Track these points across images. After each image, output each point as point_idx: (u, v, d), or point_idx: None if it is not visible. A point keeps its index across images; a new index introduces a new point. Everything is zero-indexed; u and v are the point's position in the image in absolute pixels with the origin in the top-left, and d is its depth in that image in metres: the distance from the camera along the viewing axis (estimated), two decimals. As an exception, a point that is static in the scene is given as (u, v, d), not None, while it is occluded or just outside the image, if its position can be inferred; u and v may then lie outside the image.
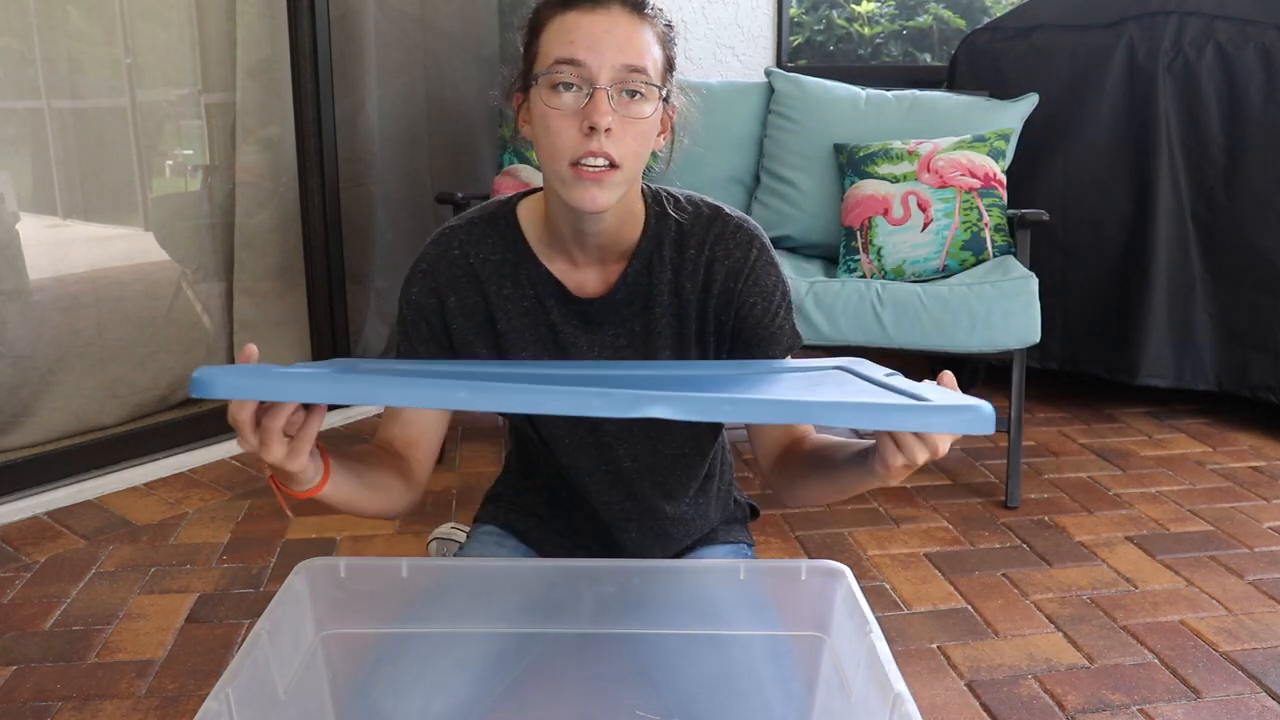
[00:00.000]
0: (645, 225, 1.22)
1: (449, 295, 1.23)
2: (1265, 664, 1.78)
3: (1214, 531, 2.30)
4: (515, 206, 1.25)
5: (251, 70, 2.79)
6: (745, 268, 1.21)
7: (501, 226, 1.24)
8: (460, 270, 1.23)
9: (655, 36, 1.12)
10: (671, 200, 1.24)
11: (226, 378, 0.74)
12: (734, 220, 1.23)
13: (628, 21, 1.09)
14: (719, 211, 1.24)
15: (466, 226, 1.24)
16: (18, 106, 2.47)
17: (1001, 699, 1.68)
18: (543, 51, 1.11)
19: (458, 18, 3.39)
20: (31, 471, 2.39)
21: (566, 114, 1.08)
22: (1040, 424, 2.98)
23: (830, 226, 2.83)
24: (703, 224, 1.22)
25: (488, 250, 1.23)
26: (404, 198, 3.22)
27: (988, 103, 2.87)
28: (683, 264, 1.22)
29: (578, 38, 1.08)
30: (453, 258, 1.23)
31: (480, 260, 1.23)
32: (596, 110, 1.06)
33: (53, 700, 1.67)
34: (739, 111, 3.02)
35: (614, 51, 1.07)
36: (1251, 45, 2.78)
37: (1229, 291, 2.86)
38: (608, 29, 1.08)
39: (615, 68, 1.07)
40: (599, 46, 1.07)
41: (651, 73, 1.10)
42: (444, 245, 1.24)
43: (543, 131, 1.10)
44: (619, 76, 1.07)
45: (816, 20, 4.49)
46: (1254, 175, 2.79)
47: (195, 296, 2.82)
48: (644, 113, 1.09)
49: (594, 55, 1.07)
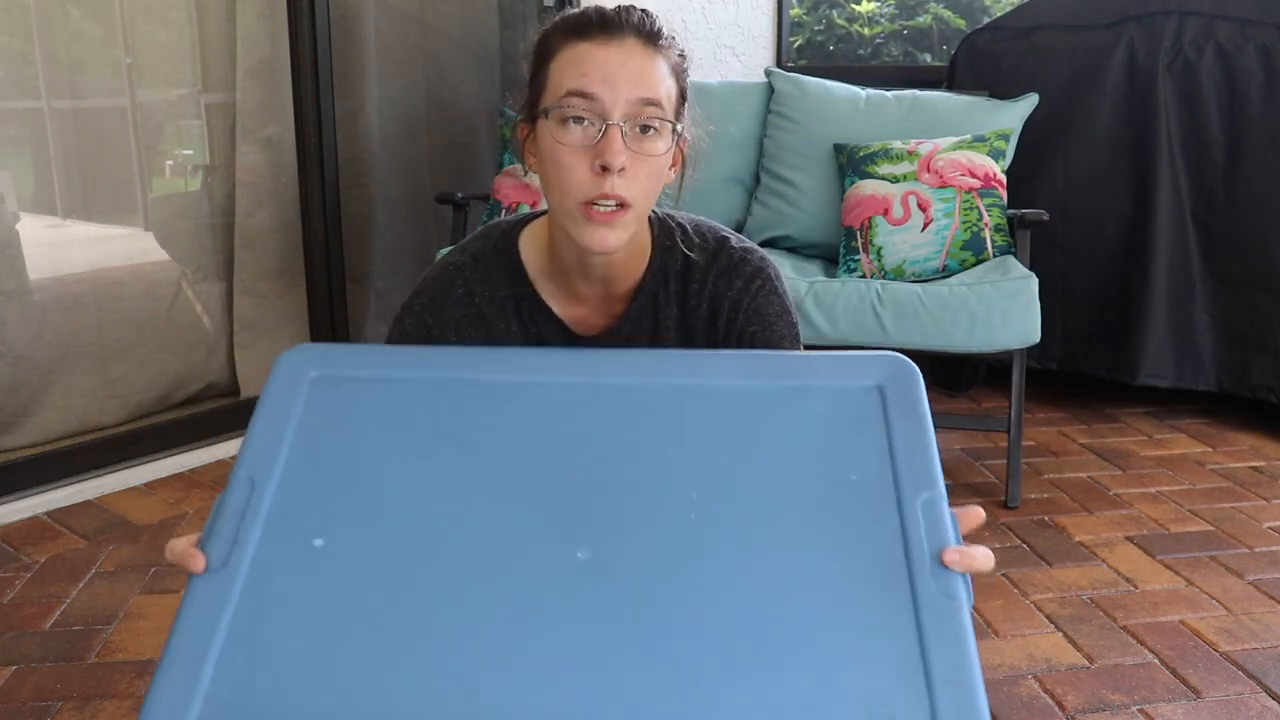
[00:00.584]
0: (651, 259, 1.18)
1: (449, 335, 1.18)
2: (1265, 664, 1.78)
3: (1214, 531, 2.30)
4: (518, 238, 1.20)
5: (251, 70, 2.79)
6: (746, 298, 1.17)
7: (504, 260, 1.19)
8: (464, 310, 1.18)
9: (670, 69, 1.09)
10: (680, 230, 1.20)
11: None
12: (738, 252, 1.19)
13: (642, 53, 1.06)
14: (724, 244, 1.19)
15: (471, 263, 1.19)
16: (18, 106, 2.48)
17: (1001, 699, 1.68)
18: (552, 83, 1.07)
19: (458, 18, 3.39)
20: (31, 471, 2.39)
21: (577, 150, 1.04)
22: (1040, 424, 2.98)
23: (830, 226, 2.83)
24: (708, 257, 1.18)
25: (492, 288, 1.18)
26: (404, 198, 3.22)
27: (988, 103, 2.87)
28: (687, 299, 1.18)
29: (590, 69, 1.04)
30: (456, 296, 1.18)
31: (486, 299, 1.18)
32: (610, 149, 1.02)
33: (53, 700, 1.67)
34: (739, 111, 3.02)
35: (628, 85, 1.03)
36: (1251, 45, 2.78)
37: (1229, 291, 2.86)
38: (622, 61, 1.04)
39: (630, 102, 1.03)
40: (613, 79, 1.03)
41: (666, 107, 1.06)
42: (447, 282, 1.18)
43: (552, 167, 1.06)
44: (633, 111, 1.04)
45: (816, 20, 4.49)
46: (1254, 175, 2.79)
47: (195, 296, 2.82)
48: (658, 150, 1.06)
49: (608, 88, 1.03)
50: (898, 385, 0.89)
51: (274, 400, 0.91)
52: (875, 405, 0.88)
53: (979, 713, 0.69)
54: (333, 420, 0.90)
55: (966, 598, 0.75)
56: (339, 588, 0.78)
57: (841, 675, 0.71)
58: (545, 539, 0.80)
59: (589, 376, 0.93)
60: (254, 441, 0.88)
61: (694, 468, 0.85)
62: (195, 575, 0.79)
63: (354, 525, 0.82)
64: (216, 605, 0.77)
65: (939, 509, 0.80)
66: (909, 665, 0.71)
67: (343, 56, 2.93)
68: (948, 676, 0.71)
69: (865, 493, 0.82)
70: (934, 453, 0.84)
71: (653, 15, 1.10)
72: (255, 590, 0.78)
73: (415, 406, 0.91)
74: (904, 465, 0.83)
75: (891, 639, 0.73)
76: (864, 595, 0.76)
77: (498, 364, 0.95)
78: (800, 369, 0.93)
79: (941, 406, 3.10)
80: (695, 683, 0.72)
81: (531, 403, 0.91)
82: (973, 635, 0.73)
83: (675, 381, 0.92)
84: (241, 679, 0.73)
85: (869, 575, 0.77)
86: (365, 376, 0.94)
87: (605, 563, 0.78)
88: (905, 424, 0.86)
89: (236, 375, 2.88)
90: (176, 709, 0.71)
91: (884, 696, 0.70)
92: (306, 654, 0.75)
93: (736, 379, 0.92)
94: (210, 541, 0.81)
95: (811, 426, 0.88)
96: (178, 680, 0.73)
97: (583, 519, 0.81)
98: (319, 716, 0.71)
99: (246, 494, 0.84)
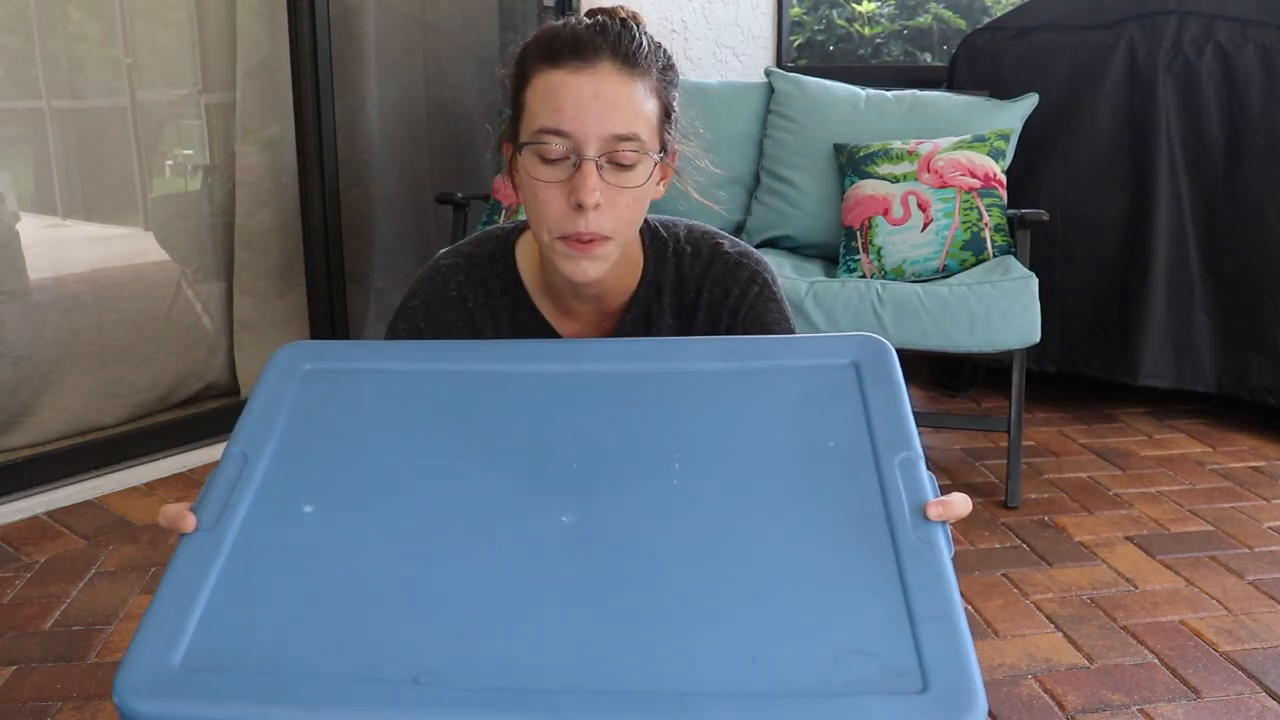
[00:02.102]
0: (644, 272, 1.17)
1: (441, 338, 1.17)
2: (1265, 664, 1.78)
3: (1214, 531, 2.30)
4: (514, 246, 1.19)
5: (251, 70, 2.79)
6: (744, 306, 1.15)
7: (499, 269, 1.18)
8: (456, 313, 1.17)
9: (650, 89, 1.05)
10: (673, 239, 1.18)
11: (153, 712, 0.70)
12: (732, 257, 1.16)
13: (616, 82, 1.02)
14: (718, 250, 1.17)
15: (466, 266, 1.18)
16: (18, 106, 2.48)
17: (1001, 699, 1.68)
18: (528, 113, 1.05)
19: (458, 18, 3.39)
20: (31, 471, 2.39)
21: (552, 186, 1.02)
22: (1040, 424, 2.98)
23: (830, 226, 2.83)
24: (701, 265, 1.16)
25: (485, 294, 1.18)
26: (404, 198, 3.22)
27: (988, 103, 2.87)
28: (681, 309, 1.17)
29: (564, 104, 1.01)
30: (450, 299, 1.17)
31: (478, 304, 1.18)
32: (584, 187, 1.00)
33: (53, 700, 1.67)
34: (739, 111, 3.02)
35: (600, 121, 1.01)
36: (1251, 45, 2.78)
37: (1229, 293, 2.86)
38: (595, 93, 1.01)
39: (603, 138, 1.01)
40: (585, 116, 1.00)
41: (645, 136, 1.03)
42: (441, 284, 1.18)
43: (530, 200, 1.05)
44: (608, 147, 1.01)
45: (816, 20, 4.49)
46: (1254, 176, 2.79)
47: (195, 296, 2.82)
48: (635, 182, 1.04)
49: (580, 125, 1.00)
50: (872, 361, 0.92)
51: (268, 388, 0.93)
52: (851, 380, 0.91)
53: (963, 646, 0.70)
54: (325, 404, 0.92)
55: (946, 545, 0.77)
56: (327, 545, 0.80)
57: (823, 621, 0.72)
58: (530, 505, 0.82)
59: (572, 364, 0.96)
60: (247, 422, 0.90)
61: (675, 440, 0.87)
62: (186, 534, 0.80)
63: (344, 494, 0.84)
64: (205, 559, 0.79)
65: (916, 467, 0.82)
66: (891, 607, 0.73)
67: (343, 56, 2.93)
68: (929, 612, 0.72)
69: (843, 457, 0.84)
70: (909, 418, 0.87)
71: (632, 29, 1.06)
72: (244, 546, 0.80)
73: (405, 393, 0.94)
74: (880, 430, 0.86)
75: (872, 584, 0.74)
76: (845, 547, 0.77)
77: (485, 355, 0.99)
78: (777, 350, 0.96)
79: (941, 406, 3.10)
80: (682, 631, 0.72)
81: (518, 388, 0.93)
82: (954, 578, 0.75)
83: (656, 366, 0.95)
84: (227, 623, 0.74)
85: (849, 530, 0.78)
86: (357, 368, 0.96)
87: (590, 524, 0.80)
88: (881, 395, 0.89)
89: (236, 375, 2.88)
90: (162, 650, 0.72)
91: (866, 638, 0.71)
92: (292, 603, 0.75)
93: (716, 362, 0.95)
94: (202, 507, 0.83)
95: (789, 401, 0.90)
96: (165, 623, 0.74)
97: (567, 487, 0.83)
98: (306, 660, 0.71)
99: (239, 467, 0.85)
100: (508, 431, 0.89)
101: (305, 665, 0.70)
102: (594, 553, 0.77)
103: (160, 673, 0.70)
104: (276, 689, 0.69)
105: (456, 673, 0.69)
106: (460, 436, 0.89)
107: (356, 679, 0.69)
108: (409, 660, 0.70)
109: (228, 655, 0.71)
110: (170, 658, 0.71)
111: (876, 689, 0.67)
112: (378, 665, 0.70)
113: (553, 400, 0.92)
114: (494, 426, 0.90)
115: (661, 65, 1.07)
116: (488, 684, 0.68)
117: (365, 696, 0.68)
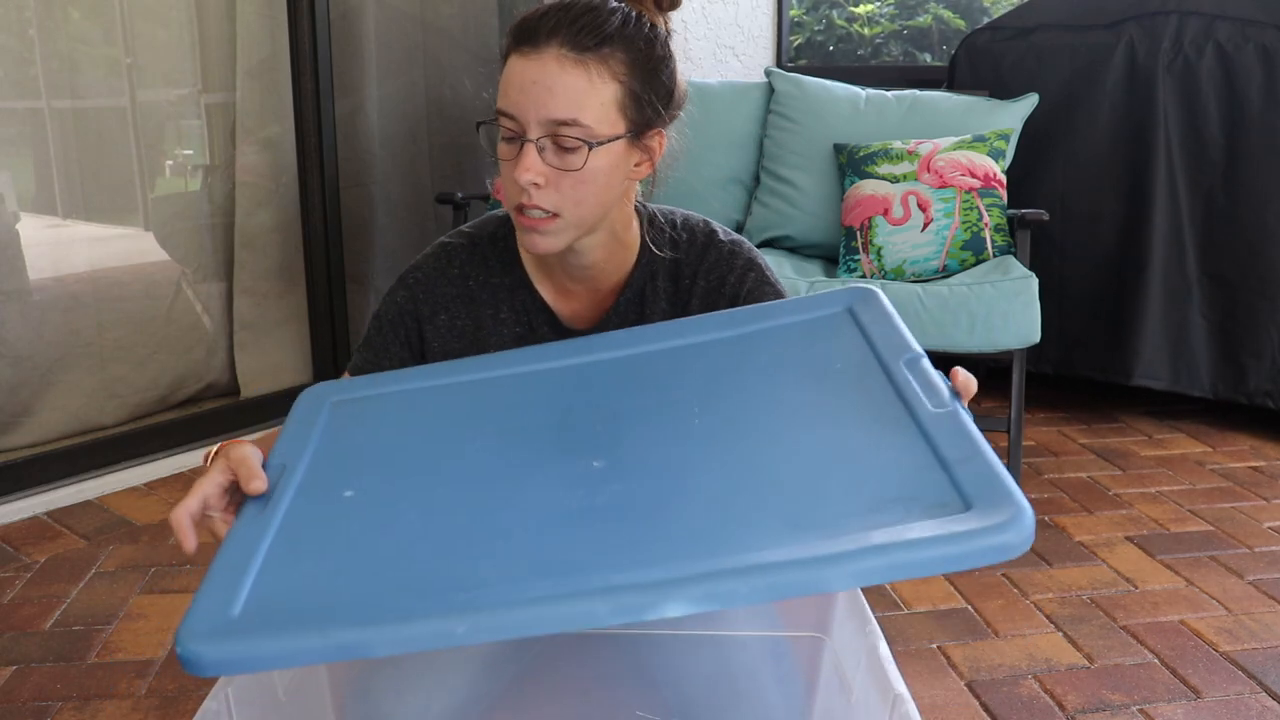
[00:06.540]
0: (639, 256, 1.19)
1: (439, 313, 1.20)
2: (1265, 664, 1.78)
3: (1214, 531, 2.30)
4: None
5: (251, 70, 2.79)
6: (742, 293, 1.17)
7: (500, 249, 1.21)
8: (457, 289, 1.20)
9: (607, 74, 1.05)
10: (669, 225, 1.21)
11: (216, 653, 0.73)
12: (727, 245, 1.19)
13: (559, 69, 1.03)
14: (712, 237, 1.20)
15: (469, 245, 1.22)
16: (18, 106, 2.47)
17: (1001, 699, 1.69)
18: (498, 93, 1.09)
19: (458, 18, 3.39)
20: (31, 471, 2.39)
21: (509, 163, 1.07)
22: (1040, 424, 2.98)
23: (830, 226, 2.83)
24: (696, 251, 1.19)
25: (487, 273, 1.21)
26: (404, 198, 3.22)
27: (988, 103, 2.87)
28: (677, 294, 1.19)
29: (510, 88, 1.05)
30: (451, 276, 1.20)
31: (479, 282, 1.20)
32: (520, 166, 1.04)
33: (53, 700, 1.67)
34: (739, 111, 3.02)
35: (537, 107, 1.03)
36: (1251, 45, 2.78)
37: (1226, 296, 2.85)
38: (535, 79, 1.03)
39: (542, 122, 1.03)
40: (524, 100, 1.04)
41: (589, 121, 1.04)
42: (444, 261, 1.21)
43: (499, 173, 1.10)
44: (548, 130, 1.04)
45: (816, 20, 4.49)
46: (1253, 176, 2.79)
47: (195, 296, 2.82)
48: (576, 165, 1.05)
49: (521, 109, 1.04)
50: (864, 304, 0.98)
51: (300, 415, 1.00)
52: (848, 322, 0.97)
53: (998, 474, 0.73)
54: (356, 419, 0.99)
55: (964, 410, 0.82)
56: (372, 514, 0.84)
57: (859, 483, 0.76)
58: (561, 457, 0.87)
59: (585, 357, 1.01)
60: (281, 443, 0.96)
61: (690, 392, 0.93)
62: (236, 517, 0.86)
63: (382, 479, 0.89)
64: (256, 533, 0.83)
65: (921, 364, 0.87)
66: (921, 459, 0.77)
67: (343, 56, 2.93)
68: (958, 456, 0.76)
69: (851, 371, 0.90)
70: (907, 332, 0.92)
71: (599, 11, 1.06)
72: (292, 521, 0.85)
73: (432, 401, 1.00)
74: (881, 346, 0.91)
75: (898, 447, 0.79)
76: (869, 430, 0.82)
77: (502, 362, 1.04)
78: (774, 313, 1.02)
79: (941, 406, 3.09)
80: (724, 515, 0.76)
81: (538, 382, 0.99)
82: (979, 432, 0.79)
83: (663, 345, 1.01)
84: (282, 580, 0.77)
85: (869, 417, 0.83)
86: (383, 393, 1.03)
87: (621, 466, 0.84)
88: (877, 325, 0.94)
89: (236, 375, 2.88)
90: (221, 605, 0.75)
91: (904, 485, 0.74)
92: (343, 558, 0.79)
93: (719, 332, 1.00)
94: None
95: (793, 347, 0.97)
96: (222, 584, 0.78)
97: (594, 444, 0.88)
98: (360, 595, 0.75)
99: (278, 475, 0.90)
100: (532, 415, 0.94)
101: (360, 598, 0.74)
102: (628, 481, 0.82)
103: (220, 621, 0.74)
104: (335, 618, 0.72)
105: (506, 581, 0.73)
106: (488, 425, 0.94)
107: (411, 594, 0.73)
108: (459, 580, 0.74)
109: (284, 604, 0.75)
110: (229, 610, 0.75)
111: (920, 518, 0.70)
112: (429, 588, 0.74)
113: (571, 387, 0.97)
114: (519, 413, 0.95)
115: (641, 43, 1.07)
116: (539, 586, 0.71)
117: (421, 609, 0.71)
